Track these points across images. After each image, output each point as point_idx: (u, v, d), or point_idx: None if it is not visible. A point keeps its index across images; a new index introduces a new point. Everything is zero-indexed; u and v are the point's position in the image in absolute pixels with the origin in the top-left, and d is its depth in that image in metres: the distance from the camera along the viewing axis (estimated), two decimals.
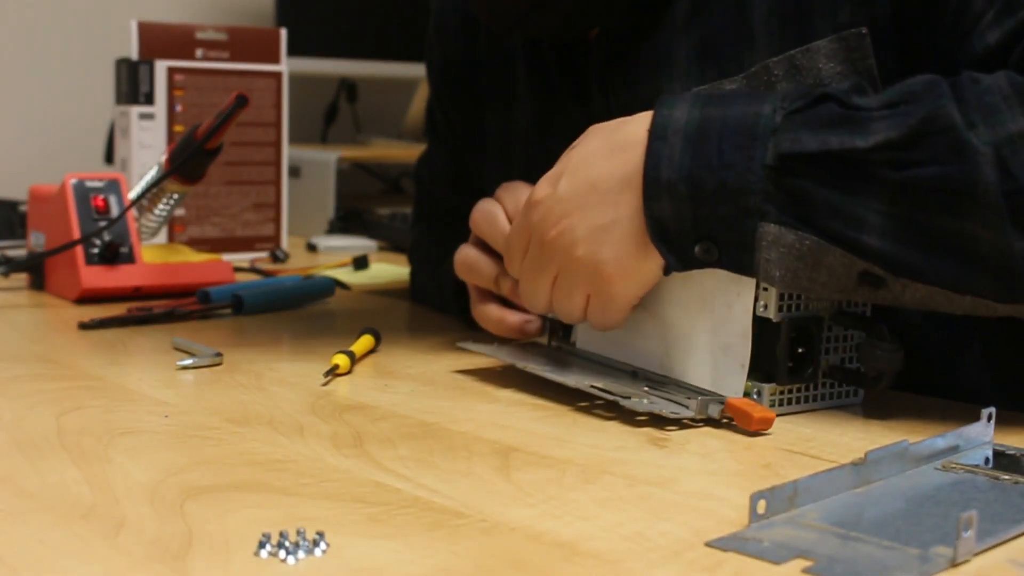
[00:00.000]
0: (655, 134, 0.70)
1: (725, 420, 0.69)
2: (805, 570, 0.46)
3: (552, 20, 0.84)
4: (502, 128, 0.99)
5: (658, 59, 0.82)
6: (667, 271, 0.72)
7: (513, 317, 0.84)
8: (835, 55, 0.76)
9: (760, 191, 0.67)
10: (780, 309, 0.69)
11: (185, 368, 0.79)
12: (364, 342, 0.84)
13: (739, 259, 0.69)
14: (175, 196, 1.11)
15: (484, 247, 0.85)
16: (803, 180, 0.66)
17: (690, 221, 0.69)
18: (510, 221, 0.82)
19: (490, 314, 0.85)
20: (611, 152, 0.72)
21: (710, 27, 0.80)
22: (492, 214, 0.83)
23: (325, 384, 0.76)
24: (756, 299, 0.69)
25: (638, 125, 0.72)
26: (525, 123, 0.96)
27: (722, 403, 0.68)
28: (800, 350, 0.71)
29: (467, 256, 0.85)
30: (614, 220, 0.71)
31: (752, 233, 0.67)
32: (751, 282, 0.69)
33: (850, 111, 0.67)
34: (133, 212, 1.09)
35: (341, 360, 0.79)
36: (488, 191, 0.87)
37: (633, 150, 0.71)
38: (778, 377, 0.70)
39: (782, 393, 0.70)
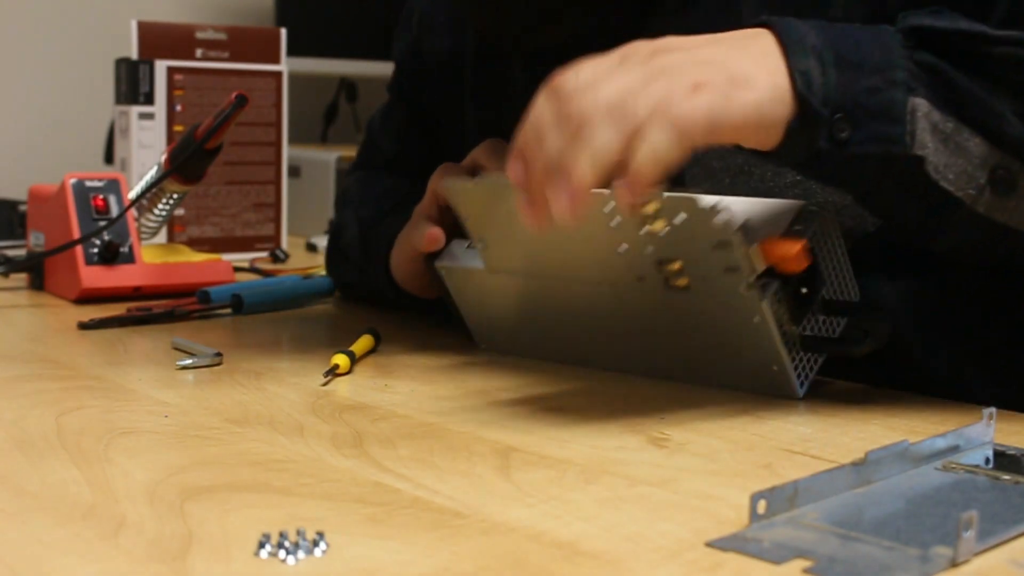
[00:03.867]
0: (787, 41, 0.66)
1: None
2: (805, 570, 0.46)
3: (550, 37, 0.84)
4: (489, 125, 0.98)
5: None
6: (786, 145, 0.66)
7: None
8: None
9: (906, 68, 0.67)
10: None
11: (185, 368, 0.79)
12: (364, 342, 0.84)
13: (884, 131, 0.66)
14: (175, 196, 1.11)
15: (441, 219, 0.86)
16: (940, 63, 0.67)
17: (834, 87, 0.65)
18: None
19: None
20: (729, 41, 0.66)
21: (698, 17, 0.80)
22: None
23: (325, 384, 0.76)
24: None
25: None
26: (516, 126, 0.96)
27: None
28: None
29: (435, 232, 0.86)
30: (744, 69, 0.65)
31: (903, 105, 0.66)
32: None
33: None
34: (133, 212, 1.09)
35: (341, 360, 0.79)
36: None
37: (757, 40, 0.66)
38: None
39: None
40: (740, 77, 0.64)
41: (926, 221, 0.72)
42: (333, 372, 0.77)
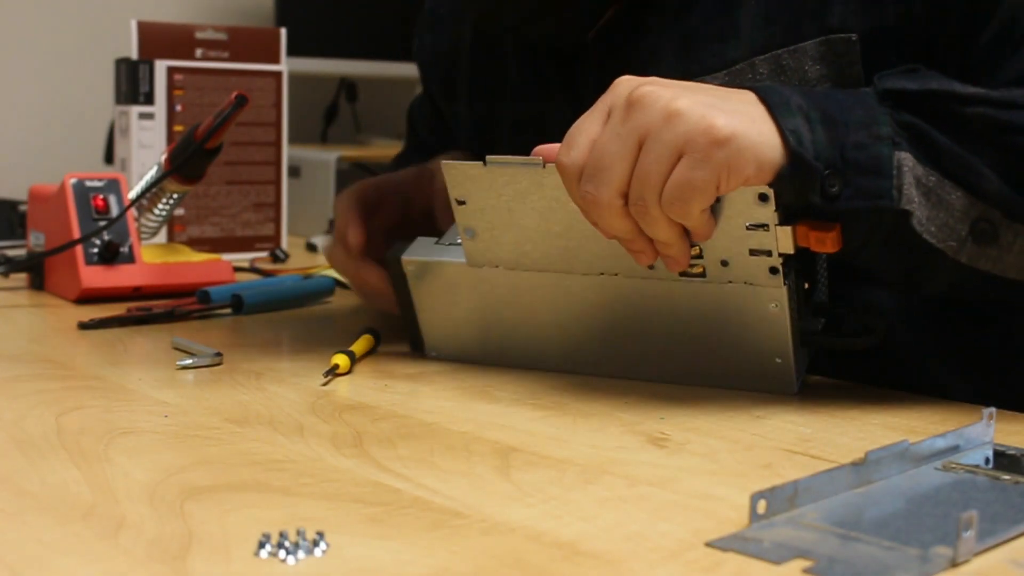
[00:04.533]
0: (771, 103, 0.67)
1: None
2: (805, 570, 0.46)
3: (549, 27, 0.84)
4: (485, 119, 0.99)
5: (649, 54, 0.82)
6: (776, 190, 0.67)
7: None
8: (822, 58, 0.76)
9: (888, 123, 0.68)
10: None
11: (185, 368, 0.79)
12: (364, 342, 0.84)
13: (873, 186, 0.67)
14: (175, 196, 1.11)
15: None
16: (918, 121, 0.68)
17: (823, 144, 0.67)
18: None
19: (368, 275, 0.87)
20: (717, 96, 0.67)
21: (695, 21, 0.80)
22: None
23: (325, 384, 0.76)
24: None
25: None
26: (511, 119, 0.96)
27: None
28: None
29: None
30: (739, 110, 0.66)
31: (889, 159, 0.67)
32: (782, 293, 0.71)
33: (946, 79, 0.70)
34: (133, 212, 1.09)
35: (341, 360, 0.79)
36: None
37: (743, 98, 0.67)
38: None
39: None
40: (721, 132, 0.64)
41: (911, 274, 0.73)
42: (333, 372, 0.77)
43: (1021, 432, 0.67)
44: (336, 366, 0.78)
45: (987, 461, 0.62)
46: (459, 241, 0.80)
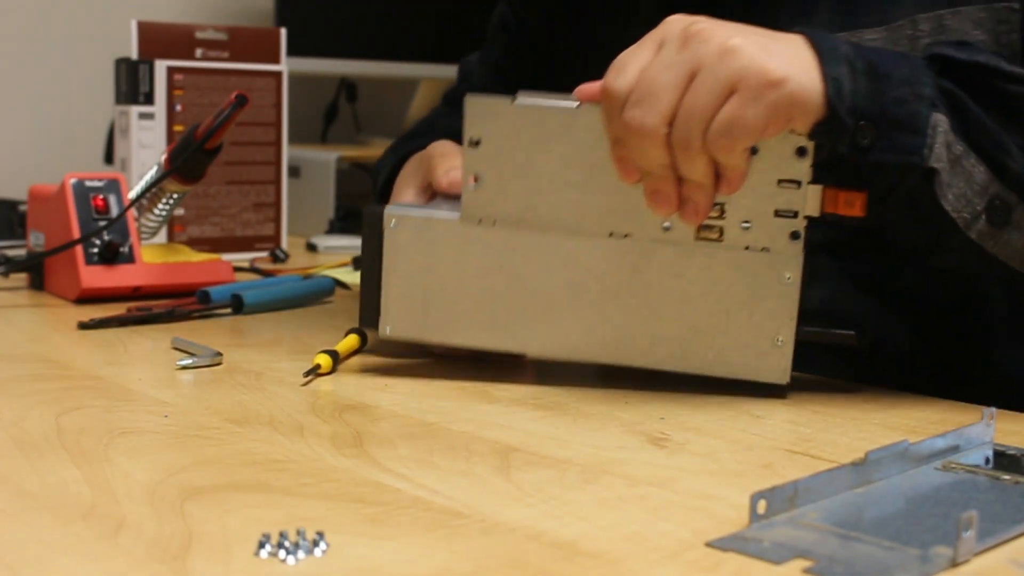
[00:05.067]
0: (820, 48, 0.68)
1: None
2: (805, 570, 0.46)
3: None
4: (614, 44, 0.96)
5: (802, 4, 0.81)
6: (814, 138, 0.69)
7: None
8: (982, 23, 0.76)
9: (931, 85, 0.69)
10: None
11: (185, 368, 0.79)
12: (349, 342, 0.84)
13: (906, 142, 0.68)
14: (175, 196, 1.11)
15: None
16: (958, 90, 0.69)
17: (863, 94, 0.68)
18: None
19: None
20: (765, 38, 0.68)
21: None
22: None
23: (305, 384, 0.76)
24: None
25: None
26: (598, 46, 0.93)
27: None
28: None
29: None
30: (787, 53, 0.67)
31: (926, 119, 0.68)
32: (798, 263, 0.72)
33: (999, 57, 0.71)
34: (133, 212, 1.09)
35: (323, 360, 0.78)
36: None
37: (792, 42, 0.68)
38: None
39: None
40: (775, 73, 0.66)
41: (923, 240, 0.73)
42: (315, 372, 0.77)
43: (1021, 432, 0.67)
44: (318, 366, 0.78)
45: (987, 461, 0.62)
46: (445, 209, 0.77)
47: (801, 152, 0.69)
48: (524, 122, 0.73)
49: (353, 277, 1.27)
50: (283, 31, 1.44)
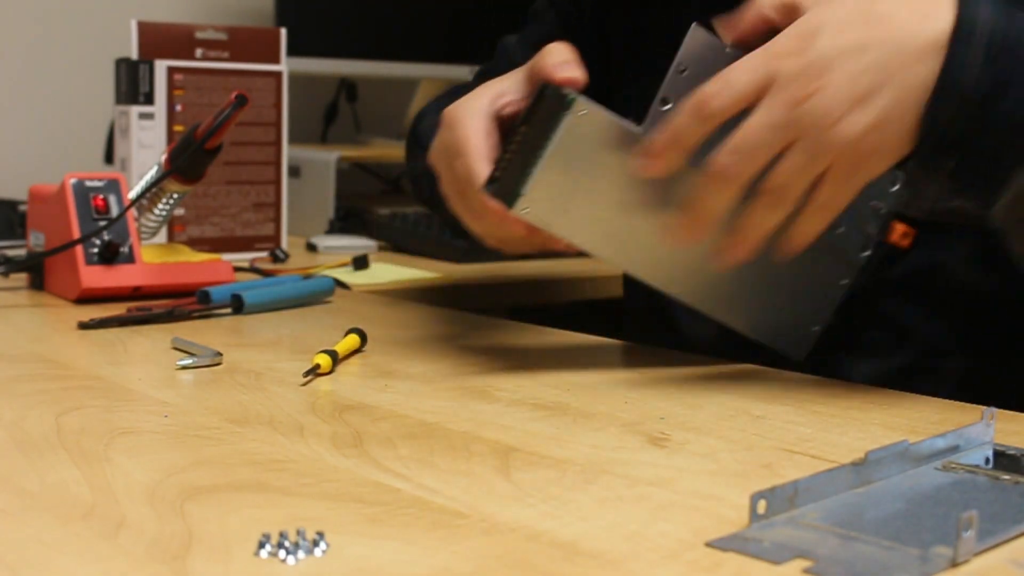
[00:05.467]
0: (960, 33, 0.67)
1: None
2: (805, 570, 0.46)
3: None
4: (666, 28, 0.94)
5: None
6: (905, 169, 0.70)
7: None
8: None
9: None
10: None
11: (185, 368, 0.79)
12: (348, 342, 0.84)
13: (980, 171, 0.68)
14: (175, 196, 1.11)
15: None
16: None
17: (964, 120, 0.67)
18: None
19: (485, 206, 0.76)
20: (911, 7, 0.67)
21: None
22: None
23: (304, 384, 0.76)
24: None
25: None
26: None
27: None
28: None
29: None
30: (884, 96, 0.67)
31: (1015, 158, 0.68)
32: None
33: None
34: (133, 212, 1.09)
35: (323, 360, 0.78)
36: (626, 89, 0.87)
37: (937, 14, 0.67)
38: None
39: None
40: (864, 147, 0.67)
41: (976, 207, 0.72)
42: (314, 372, 0.77)
43: (1021, 432, 0.67)
44: (317, 366, 0.78)
45: (987, 461, 0.62)
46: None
47: (875, 210, 0.71)
48: (725, 64, 0.71)
49: (353, 277, 1.27)
50: (283, 31, 1.44)
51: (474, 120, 0.77)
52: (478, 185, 0.75)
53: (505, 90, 0.79)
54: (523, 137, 0.74)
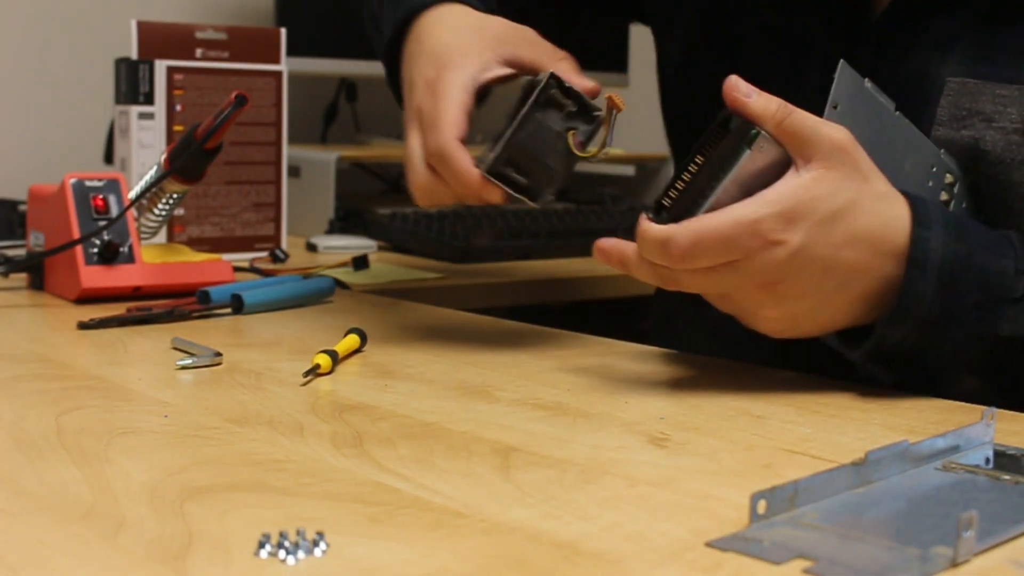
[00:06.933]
0: (914, 262, 0.72)
1: None
2: (805, 570, 0.46)
3: None
4: (704, 10, 0.93)
5: (936, 44, 0.81)
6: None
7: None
8: None
9: (984, 352, 0.74)
10: None
11: (185, 368, 0.79)
12: (348, 342, 0.84)
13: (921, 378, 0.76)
14: (175, 196, 1.11)
15: None
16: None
17: (912, 340, 0.74)
18: None
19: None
20: (865, 244, 0.72)
21: (1001, 30, 0.79)
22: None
23: (305, 384, 0.76)
24: None
25: (899, 226, 0.72)
26: (748, 22, 0.91)
27: None
28: None
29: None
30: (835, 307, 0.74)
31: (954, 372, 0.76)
32: None
33: None
34: (133, 212, 1.09)
35: (323, 360, 0.78)
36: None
37: (890, 261, 0.72)
38: None
39: None
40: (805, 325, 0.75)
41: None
42: (314, 372, 0.77)
43: (1021, 432, 0.67)
44: (317, 366, 0.78)
45: (987, 461, 0.62)
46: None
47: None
48: (871, 112, 0.76)
49: (353, 277, 1.27)
50: (283, 31, 1.44)
51: (456, 94, 0.79)
52: (446, 157, 0.78)
53: (487, 64, 0.81)
54: (698, 168, 0.73)
